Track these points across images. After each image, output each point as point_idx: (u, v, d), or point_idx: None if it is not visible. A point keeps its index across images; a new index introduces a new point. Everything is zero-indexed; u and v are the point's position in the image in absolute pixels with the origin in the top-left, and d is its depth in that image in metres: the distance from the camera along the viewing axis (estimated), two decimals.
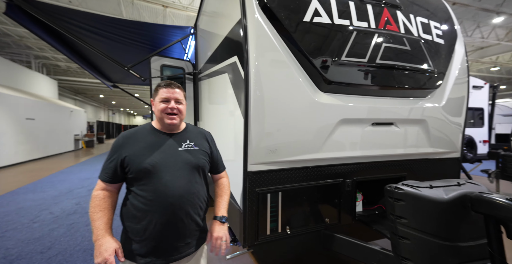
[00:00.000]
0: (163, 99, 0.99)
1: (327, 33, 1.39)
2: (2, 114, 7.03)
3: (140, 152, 0.96)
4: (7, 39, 9.30)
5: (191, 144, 1.05)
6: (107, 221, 0.93)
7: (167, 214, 0.93)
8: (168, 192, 0.93)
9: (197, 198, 1.00)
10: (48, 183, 5.09)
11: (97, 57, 4.24)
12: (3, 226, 2.85)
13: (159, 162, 0.95)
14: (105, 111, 31.21)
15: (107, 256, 0.85)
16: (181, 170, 0.98)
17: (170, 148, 1.00)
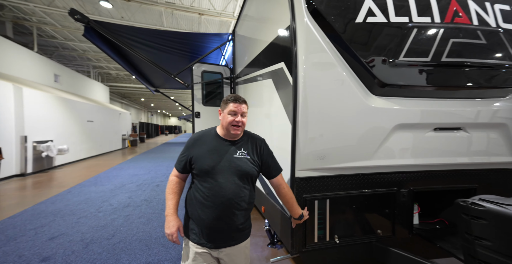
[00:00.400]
0: (231, 112, 1.14)
1: (382, 33, 1.31)
2: (72, 117, 8.34)
3: (203, 154, 1.15)
4: (74, 53, 11.01)
5: (244, 152, 1.17)
6: (175, 203, 1.19)
7: (218, 210, 1.11)
8: (221, 193, 1.10)
9: (243, 202, 1.14)
10: (104, 178, 5.85)
11: (144, 65, 4.73)
12: (77, 213, 3.38)
13: (217, 166, 1.12)
14: (145, 113, 34.56)
15: (173, 231, 1.13)
16: (233, 175, 1.12)
17: (227, 154, 1.15)
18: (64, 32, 9.17)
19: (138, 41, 3.21)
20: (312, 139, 1.30)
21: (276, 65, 1.52)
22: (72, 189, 4.72)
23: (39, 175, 6.18)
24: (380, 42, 1.29)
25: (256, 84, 2.10)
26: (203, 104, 3.22)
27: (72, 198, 4.10)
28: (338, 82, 1.31)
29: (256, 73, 2.08)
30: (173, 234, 1.12)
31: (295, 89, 1.26)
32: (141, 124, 24.74)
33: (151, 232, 2.79)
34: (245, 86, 2.61)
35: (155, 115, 41.90)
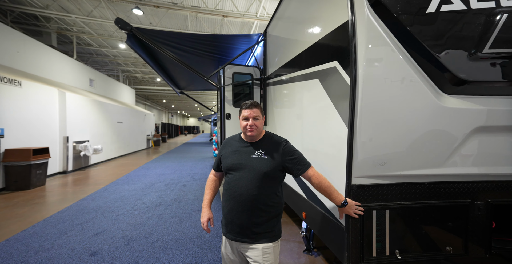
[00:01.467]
0: (244, 117, 1.25)
1: (461, 22, 1.14)
2: (104, 119, 8.94)
3: (228, 154, 1.30)
4: (106, 59, 11.83)
5: (262, 153, 1.24)
6: (210, 198, 1.38)
7: (231, 203, 1.22)
8: (235, 187, 1.21)
9: (256, 200, 1.19)
10: (135, 176, 6.16)
11: (173, 68, 4.90)
12: (115, 210, 3.57)
13: (235, 164, 1.24)
14: (166, 113, 36.14)
15: (204, 220, 1.31)
16: (248, 173, 1.20)
17: (246, 155, 1.25)
18: (99, 40, 9.88)
19: (173, 45, 3.32)
20: (372, 144, 1.19)
21: (326, 65, 1.43)
22: (107, 187, 5.02)
23: (77, 172, 6.69)
24: (458, 33, 1.13)
25: (294, 85, 2.02)
26: (234, 106, 3.21)
27: (109, 196, 4.36)
28: (404, 80, 1.17)
29: (295, 74, 2.00)
30: (204, 222, 1.30)
31: (353, 88, 1.16)
32: (163, 124, 25.90)
33: (185, 232, 2.84)
34: (279, 88, 2.55)
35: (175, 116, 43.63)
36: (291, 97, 2.16)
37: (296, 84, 1.96)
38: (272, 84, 2.82)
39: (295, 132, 2.08)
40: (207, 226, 1.31)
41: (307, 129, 1.79)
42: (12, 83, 5.06)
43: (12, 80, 5.04)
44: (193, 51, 3.64)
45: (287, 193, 2.26)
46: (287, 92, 2.26)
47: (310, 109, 1.79)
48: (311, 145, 1.76)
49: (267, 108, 3.11)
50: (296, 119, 2.05)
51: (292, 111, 2.15)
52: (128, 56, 12.00)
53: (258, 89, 3.34)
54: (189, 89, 7.98)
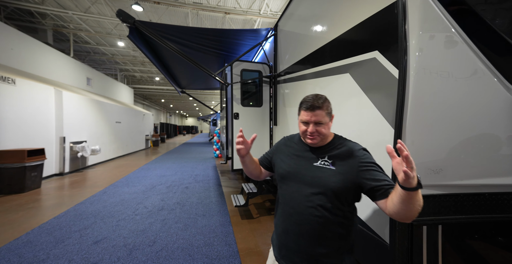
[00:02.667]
0: (303, 121, 0.98)
1: None
2: (102, 118, 8.71)
3: (282, 157, 1.07)
4: (103, 57, 11.58)
5: (328, 162, 0.94)
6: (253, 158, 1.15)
7: (286, 223, 0.97)
8: (290, 204, 0.96)
9: (319, 225, 0.89)
10: (135, 178, 5.95)
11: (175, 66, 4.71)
12: (116, 215, 3.38)
13: (292, 172, 0.99)
14: (164, 113, 35.82)
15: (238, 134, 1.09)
16: (309, 187, 0.93)
17: (306, 162, 0.99)
18: (97, 37, 9.63)
19: (177, 41, 3.14)
20: (424, 147, 1.02)
21: (361, 56, 1.25)
22: (106, 190, 4.81)
23: (75, 174, 6.46)
24: None
25: (315, 81, 1.85)
26: (242, 105, 3.04)
27: (108, 199, 4.16)
28: (468, 72, 0.99)
29: (316, 69, 1.84)
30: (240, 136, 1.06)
31: (403, 82, 0.98)
32: (161, 124, 25.60)
33: (191, 239, 2.66)
34: (294, 85, 2.38)
35: (174, 116, 43.30)
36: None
37: (317, 80, 1.80)
38: (285, 81, 2.66)
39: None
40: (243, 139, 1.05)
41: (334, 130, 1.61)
42: (6, 81, 4.83)
43: (5, 78, 4.81)
44: (197, 47, 3.46)
45: None
46: (304, 90, 2.09)
47: (337, 107, 1.61)
48: None
49: (278, 107, 2.94)
50: (337, 121, 1.88)
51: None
52: (127, 54, 11.76)
53: (267, 87, 3.17)
54: (190, 88, 7.79)
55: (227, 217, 3.28)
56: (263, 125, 3.15)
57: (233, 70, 2.97)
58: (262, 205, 3.86)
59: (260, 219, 3.23)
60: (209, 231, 2.85)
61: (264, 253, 2.36)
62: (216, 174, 6.54)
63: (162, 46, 3.47)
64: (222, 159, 9.63)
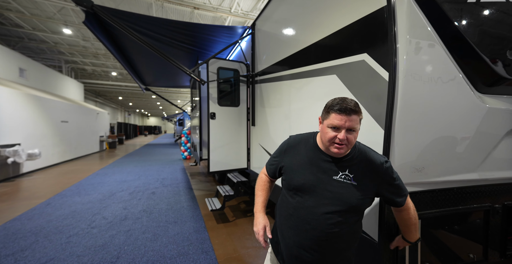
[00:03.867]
0: (333, 126, 0.85)
1: (504, 16, 1.10)
2: (43, 117, 7.33)
3: (295, 167, 0.97)
4: (43, 45, 9.78)
5: (350, 176, 0.88)
6: (264, 200, 1.09)
7: (300, 237, 0.92)
8: (307, 219, 0.90)
9: (337, 238, 0.88)
10: (88, 185, 5.18)
11: (139, 60, 4.27)
12: (65, 230, 2.85)
13: (309, 184, 0.91)
14: (122, 112, 32.30)
15: (259, 229, 0.99)
16: (328, 202, 0.88)
17: (325, 174, 0.90)
18: (33, 21, 8.05)
19: (145, 33, 2.81)
20: (410, 147, 1.09)
21: (349, 58, 1.29)
22: (51, 201, 4.05)
23: (4, 184, 5.27)
24: (501, 29, 1.10)
25: (297, 82, 1.88)
26: (219, 104, 2.92)
27: (54, 212, 3.50)
28: (446, 77, 1.08)
29: (298, 70, 1.86)
30: (259, 232, 0.98)
31: (393, 85, 1.03)
32: (119, 124, 22.99)
33: (163, 250, 2.43)
34: (273, 85, 2.39)
35: (133, 115, 39.42)
36: (292, 96, 2.01)
37: (300, 81, 1.83)
38: (263, 81, 2.65)
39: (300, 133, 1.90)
40: (262, 236, 0.96)
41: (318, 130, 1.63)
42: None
43: None
44: (167, 40, 3.18)
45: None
46: (285, 90, 2.11)
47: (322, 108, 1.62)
48: None
49: (256, 108, 2.92)
50: (299, 119, 1.92)
51: (293, 111, 2.00)
52: (75, 44, 10.15)
53: (245, 87, 3.12)
54: (155, 85, 7.18)
55: (202, 223, 3.10)
56: (240, 126, 3.09)
57: (209, 68, 2.83)
58: (238, 207, 3.79)
59: (236, 222, 3.16)
60: (183, 239, 2.65)
61: (243, 258, 2.30)
62: (186, 177, 6.18)
63: (126, 36, 3.10)
64: (191, 161, 9.14)
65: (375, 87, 1.14)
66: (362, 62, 1.22)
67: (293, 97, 2.01)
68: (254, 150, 3.01)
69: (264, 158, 2.67)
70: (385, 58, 1.09)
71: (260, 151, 2.74)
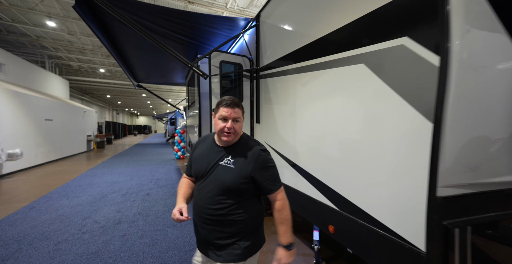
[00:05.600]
0: (222, 117, 1.04)
1: None
2: (24, 115, 6.84)
3: (197, 157, 1.14)
4: (24, 39, 9.16)
5: (231, 161, 1.06)
6: (184, 193, 1.14)
7: (194, 215, 1.10)
8: (196, 198, 1.10)
9: (218, 215, 1.03)
10: (77, 187, 4.86)
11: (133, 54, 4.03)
12: (52, 237, 2.61)
13: (202, 170, 1.08)
14: (110, 111, 31.15)
15: (174, 212, 1.02)
16: (212, 183, 1.05)
17: (214, 160, 1.07)
18: (12, 12, 7.48)
19: (140, 22, 2.59)
20: (464, 144, 0.96)
21: (384, 44, 1.16)
22: (35, 204, 3.74)
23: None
24: None
25: (313, 75, 1.75)
26: None
27: (39, 217, 3.22)
28: (507, 65, 0.95)
29: (314, 62, 1.74)
30: (174, 213, 1.02)
31: (444, 72, 0.90)
32: (107, 123, 22.11)
33: (163, 256, 2.26)
34: (282, 79, 2.26)
35: (121, 114, 38.14)
36: (306, 90, 1.89)
37: (315, 74, 1.71)
38: (269, 76, 2.53)
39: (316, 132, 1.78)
40: (177, 216, 1.00)
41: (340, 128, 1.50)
42: None
43: None
44: (166, 32, 2.98)
45: (297, 200, 2.01)
46: (297, 85, 2.00)
47: (346, 101, 1.47)
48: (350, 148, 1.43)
49: (260, 104, 2.79)
50: (313, 115, 1.80)
51: (306, 106, 1.88)
52: (60, 38, 9.57)
53: (248, 82, 2.98)
54: (147, 82, 6.87)
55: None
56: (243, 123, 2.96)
57: (211, 61, 2.67)
58: None
59: None
60: (184, 244, 2.49)
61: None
62: (181, 176, 5.95)
63: (118, 26, 2.88)
64: (185, 161, 8.87)
65: (419, 75, 1.02)
66: (400, 47, 1.10)
67: (307, 92, 1.89)
68: None
69: None
70: (433, 41, 0.96)
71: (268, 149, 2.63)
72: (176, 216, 0.99)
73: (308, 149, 1.90)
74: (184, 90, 21.70)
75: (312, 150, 1.84)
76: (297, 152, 2.04)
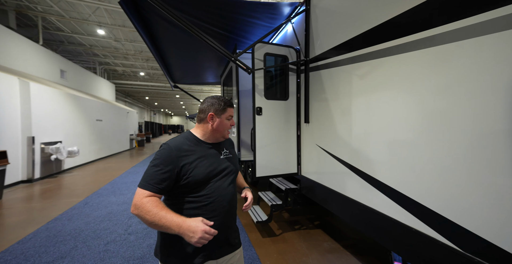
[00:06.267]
0: (230, 117, 1.10)
1: None
2: (80, 116, 7.65)
3: (194, 163, 0.98)
4: (80, 48, 10.32)
5: (227, 152, 1.14)
6: (176, 213, 0.87)
7: (221, 216, 1.01)
8: (222, 197, 1.02)
9: (236, 201, 1.12)
10: (122, 184, 5.16)
11: (171, 52, 4.03)
12: (102, 235, 2.67)
13: (212, 171, 1.02)
14: (148, 112, 33.92)
15: (203, 227, 0.81)
16: (226, 176, 1.07)
17: (215, 157, 1.07)
18: (71, 24, 8.44)
19: (181, 16, 2.47)
20: None
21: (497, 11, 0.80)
22: (89, 200, 4.02)
23: (47, 181, 5.49)
24: None
25: (395, 60, 1.36)
26: (266, 98, 2.49)
27: (91, 213, 3.40)
28: None
29: (392, 44, 1.36)
30: (204, 230, 0.81)
31: None
32: (146, 123, 24.09)
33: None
34: (341, 71, 1.88)
35: (158, 114, 41.30)
36: (379, 79, 1.49)
37: (400, 58, 1.31)
38: (323, 67, 2.15)
39: (409, 134, 1.35)
40: (209, 229, 0.82)
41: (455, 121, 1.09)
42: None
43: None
44: (207, 28, 2.84)
45: (369, 219, 1.60)
46: (364, 75, 1.60)
47: (451, 89, 1.10)
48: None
49: (310, 101, 2.43)
50: (397, 113, 1.39)
51: (384, 100, 1.47)
52: (107, 45, 10.57)
53: (294, 76, 2.64)
54: (182, 82, 7.03)
55: (244, 234, 2.72)
56: (287, 123, 2.62)
57: (255, 54, 2.40)
58: (281, 216, 3.35)
59: (284, 236, 2.71)
60: None
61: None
62: None
63: (158, 23, 2.81)
64: None
65: None
66: None
67: (380, 81, 1.47)
68: (307, 152, 2.53)
69: (326, 162, 2.18)
70: None
71: (319, 153, 2.26)
72: (211, 232, 0.82)
73: (393, 156, 1.47)
74: (214, 91, 22.32)
75: (401, 158, 1.41)
76: (370, 160, 1.63)
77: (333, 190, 2.05)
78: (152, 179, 0.90)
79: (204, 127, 1.07)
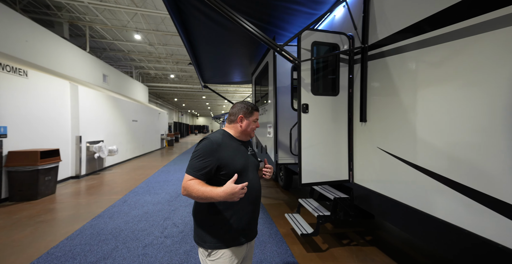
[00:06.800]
0: (256, 119, 1.26)
1: None
2: (119, 117, 8.17)
3: (231, 156, 1.14)
4: (119, 53, 11.14)
5: (251, 149, 1.32)
6: (215, 186, 1.03)
7: (253, 205, 1.18)
8: (254, 187, 1.19)
9: (261, 190, 1.27)
10: (156, 183, 5.28)
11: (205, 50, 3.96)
12: (141, 237, 2.64)
13: (245, 163, 1.18)
14: (176, 112, 35.70)
15: (235, 187, 0.98)
16: (254, 170, 1.24)
17: (245, 153, 1.23)
18: (113, 31, 9.12)
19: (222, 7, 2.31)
20: None
21: None
22: (127, 198, 4.14)
23: (91, 177, 5.91)
24: None
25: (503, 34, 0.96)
26: (313, 93, 2.17)
27: (130, 212, 3.46)
28: None
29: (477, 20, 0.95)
30: (236, 186, 0.98)
31: None
32: (175, 123, 25.33)
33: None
34: (413, 56, 1.48)
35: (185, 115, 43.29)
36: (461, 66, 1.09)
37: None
38: (389, 53, 1.76)
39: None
40: (240, 187, 0.98)
41: None
42: (17, 72, 4.27)
43: (16, 69, 4.25)
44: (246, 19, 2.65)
45: (461, 244, 1.19)
46: (443, 61, 1.19)
47: None
48: None
49: (368, 96, 2.05)
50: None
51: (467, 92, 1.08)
52: (142, 50, 11.25)
53: (346, 67, 2.28)
54: (211, 82, 7.03)
55: (285, 247, 2.43)
56: (336, 123, 2.26)
57: (301, 43, 2.10)
58: (323, 227, 2.98)
59: (332, 252, 2.36)
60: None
61: None
62: None
63: (196, 17, 2.69)
64: None
65: None
66: None
67: (463, 67, 1.06)
68: (363, 157, 2.14)
69: (389, 169, 1.79)
70: None
71: (382, 158, 1.87)
72: (243, 186, 0.99)
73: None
74: (239, 91, 22.47)
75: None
76: (480, 172, 1.21)
77: (405, 204, 1.65)
78: (195, 168, 1.07)
79: (235, 127, 1.24)
